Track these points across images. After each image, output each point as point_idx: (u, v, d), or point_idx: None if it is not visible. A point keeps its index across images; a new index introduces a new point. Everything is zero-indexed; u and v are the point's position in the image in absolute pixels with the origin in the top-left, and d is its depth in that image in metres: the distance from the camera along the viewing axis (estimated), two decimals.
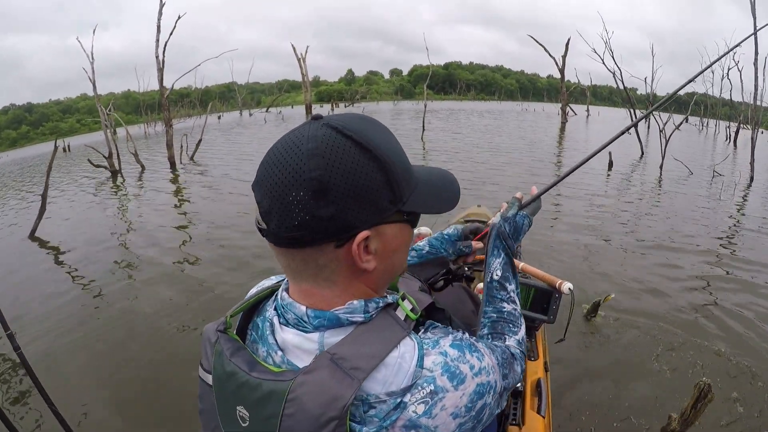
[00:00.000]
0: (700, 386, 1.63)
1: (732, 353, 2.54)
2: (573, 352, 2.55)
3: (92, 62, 9.95)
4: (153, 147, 16.04)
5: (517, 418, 1.18)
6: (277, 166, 0.49)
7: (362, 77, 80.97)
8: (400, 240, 0.56)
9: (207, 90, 53.93)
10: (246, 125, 25.82)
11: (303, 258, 0.52)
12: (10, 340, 1.65)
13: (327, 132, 0.49)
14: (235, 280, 3.67)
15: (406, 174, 0.54)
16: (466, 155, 10.32)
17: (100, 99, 10.07)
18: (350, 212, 0.49)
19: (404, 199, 0.53)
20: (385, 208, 0.52)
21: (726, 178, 7.61)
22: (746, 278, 3.60)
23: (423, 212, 0.57)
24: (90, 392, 2.37)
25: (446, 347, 0.53)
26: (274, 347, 0.55)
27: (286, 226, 0.49)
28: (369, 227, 0.51)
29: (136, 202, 7.09)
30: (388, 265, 0.56)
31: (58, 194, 8.26)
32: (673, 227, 4.95)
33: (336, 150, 0.48)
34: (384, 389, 0.49)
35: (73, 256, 4.60)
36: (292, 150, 0.49)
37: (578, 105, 33.92)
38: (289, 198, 0.48)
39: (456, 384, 0.51)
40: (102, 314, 3.26)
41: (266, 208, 0.50)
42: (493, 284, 0.79)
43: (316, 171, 0.47)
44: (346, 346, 0.50)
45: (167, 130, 9.95)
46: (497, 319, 0.76)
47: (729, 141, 16.09)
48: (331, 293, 0.54)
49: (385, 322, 0.54)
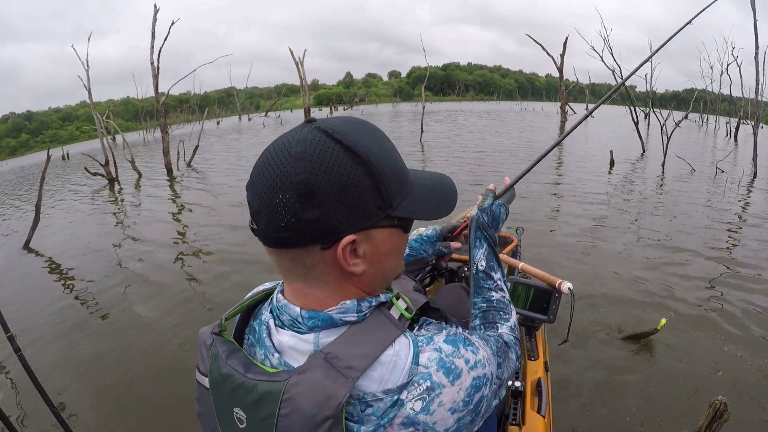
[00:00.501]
0: (715, 405, 1.50)
1: (749, 356, 2.46)
2: (574, 353, 2.52)
3: (87, 69, 9.91)
4: (151, 153, 16.00)
5: (517, 418, 1.17)
6: (266, 168, 0.50)
7: (361, 80, 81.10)
8: (391, 245, 0.55)
9: (206, 95, 54.08)
10: (244, 130, 25.83)
11: (291, 258, 0.52)
12: (11, 342, 1.65)
13: (316, 135, 0.49)
14: (232, 286, 3.63)
15: (397, 179, 0.54)
16: (465, 155, 10.26)
17: (100, 106, 10.02)
18: (336, 216, 0.49)
19: (394, 205, 0.53)
20: (373, 214, 0.51)
21: (729, 175, 7.52)
22: (754, 276, 3.51)
23: (415, 218, 0.56)
24: (90, 393, 2.39)
25: (440, 343, 0.53)
26: (271, 349, 0.55)
27: (273, 227, 0.50)
28: (355, 231, 0.51)
29: (133, 211, 7.04)
30: (379, 270, 0.56)
31: (55, 203, 8.21)
32: (677, 226, 4.86)
33: (323, 154, 0.48)
34: (380, 387, 0.49)
35: (68, 265, 4.54)
36: (281, 153, 0.49)
37: (577, 104, 33.86)
38: (276, 200, 0.48)
39: (452, 379, 0.51)
40: (100, 318, 3.25)
41: (256, 209, 0.51)
42: (479, 275, 0.80)
43: (302, 174, 0.47)
44: (339, 346, 0.50)
45: (163, 137, 9.89)
46: (487, 308, 0.77)
47: (729, 137, 16.00)
48: (322, 294, 0.54)
49: (378, 321, 0.53)
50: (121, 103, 48.63)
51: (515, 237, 2.18)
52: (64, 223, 6.67)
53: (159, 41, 9.25)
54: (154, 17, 9.12)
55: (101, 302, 3.54)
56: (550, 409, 1.29)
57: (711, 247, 4.18)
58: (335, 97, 64.15)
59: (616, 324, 2.81)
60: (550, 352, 1.72)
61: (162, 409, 2.21)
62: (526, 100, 57.78)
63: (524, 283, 1.33)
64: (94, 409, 2.27)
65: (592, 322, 2.81)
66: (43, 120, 58.08)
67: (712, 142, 14.83)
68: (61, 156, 20.93)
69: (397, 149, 0.56)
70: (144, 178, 9.92)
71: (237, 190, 7.79)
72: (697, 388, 2.20)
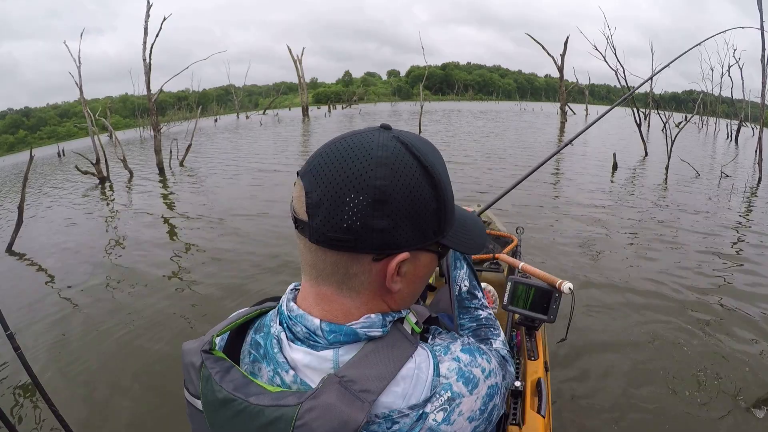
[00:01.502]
0: None
1: (755, 362, 2.40)
2: (574, 352, 2.53)
3: (79, 66, 9.71)
4: (147, 151, 15.78)
5: (517, 417, 1.18)
6: (340, 163, 0.48)
7: (360, 78, 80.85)
8: (428, 269, 0.56)
9: (205, 92, 53.88)
10: (240, 128, 25.63)
11: (334, 261, 0.50)
12: (10, 340, 1.63)
13: (397, 145, 0.49)
14: (223, 291, 3.56)
15: (452, 209, 0.55)
16: (465, 157, 10.11)
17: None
18: (401, 230, 0.48)
19: (444, 233, 0.53)
20: (428, 237, 0.51)
21: (734, 180, 7.36)
22: (759, 282, 3.41)
23: (455, 249, 0.57)
24: (90, 393, 2.38)
25: (458, 352, 0.53)
26: (285, 366, 0.52)
27: (332, 225, 0.47)
28: (411, 249, 0.50)
29: (123, 211, 6.86)
30: (412, 291, 0.56)
31: (45, 203, 8.03)
32: (683, 231, 4.73)
33: (404, 166, 0.48)
34: (405, 403, 0.48)
35: (53, 266, 4.39)
36: (361, 153, 0.48)
37: (576, 104, 33.75)
38: (346, 198, 0.47)
39: (471, 388, 0.51)
40: (95, 318, 3.23)
41: (315, 201, 0.48)
42: (463, 296, 0.82)
43: (381, 180, 0.47)
44: (354, 368, 0.48)
45: (155, 135, 9.70)
46: (477, 327, 0.79)
47: (730, 139, 15.92)
48: (351, 303, 0.52)
49: (394, 338, 0.52)
50: (119, 100, 48.41)
51: (515, 237, 2.18)
52: (49, 224, 6.49)
53: (153, 38, 9.08)
54: (147, 12, 8.95)
55: (90, 304, 3.46)
56: (550, 409, 1.29)
57: (717, 254, 4.06)
58: (334, 95, 63.95)
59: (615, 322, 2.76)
60: (550, 351, 1.69)
61: (163, 408, 2.19)
62: (525, 101, 57.69)
63: (524, 283, 1.32)
64: (93, 408, 2.26)
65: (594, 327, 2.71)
66: (41, 116, 57.74)
67: (712, 144, 14.73)
68: (56, 153, 20.73)
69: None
70: (136, 176, 9.72)
71: (228, 190, 7.65)
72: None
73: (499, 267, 1.95)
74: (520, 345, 1.50)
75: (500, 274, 1.95)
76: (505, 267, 1.96)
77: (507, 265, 1.87)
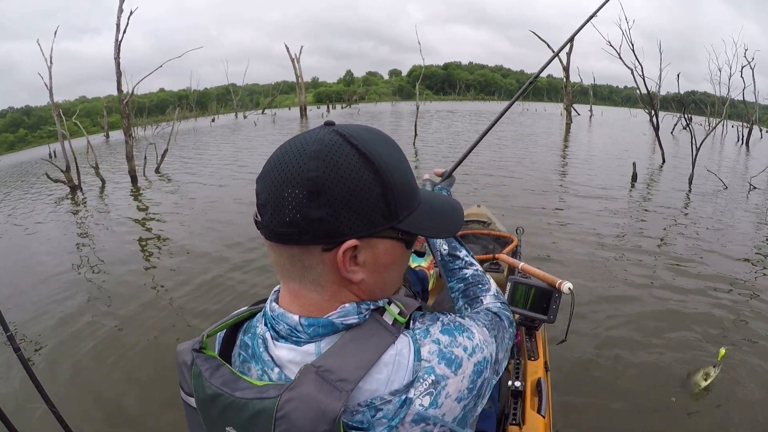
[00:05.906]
0: None
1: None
2: (575, 353, 2.50)
3: (50, 66, 9.15)
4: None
5: (517, 418, 1.17)
6: (279, 162, 0.50)
7: (361, 78, 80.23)
8: (392, 257, 0.55)
9: (206, 92, 53.40)
10: (237, 128, 25.07)
11: (290, 255, 0.51)
12: (10, 341, 1.63)
13: (333, 137, 0.50)
14: (203, 304, 3.47)
15: (406, 193, 0.53)
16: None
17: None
18: (341, 218, 0.48)
19: (400, 217, 0.52)
20: (378, 222, 0.51)
21: (765, 193, 6.72)
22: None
23: (418, 234, 0.56)
24: (90, 393, 2.42)
25: (437, 334, 0.53)
26: (270, 364, 0.53)
27: (278, 221, 0.49)
28: (357, 237, 0.50)
29: (92, 223, 6.38)
30: (378, 281, 0.55)
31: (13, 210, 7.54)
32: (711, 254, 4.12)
33: (337, 155, 0.48)
34: (387, 389, 0.48)
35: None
36: (297, 149, 0.49)
37: (579, 105, 32.96)
38: (284, 194, 0.48)
39: (455, 369, 0.51)
40: (95, 319, 3.28)
41: (263, 201, 0.50)
42: (445, 259, 0.83)
43: (313, 172, 0.47)
44: (331, 358, 0.49)
45: (127, 140, 9.04)
46: (465, 287, 0.79)
47: (741, 142, 15.25)
48: (318, 297, 0.52)
49: (371, 328, 0.52)
50: (116, 100, 48.07)
51: (515, 237, 2.15)
52: (15, 237, 6.09)
53: (121, 35, 8.47)
54: (120, 7, 8.33)
55: (75, 311, 3.46)
56: (550, 409, 1.28)
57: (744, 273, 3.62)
58: (335, 94, 63.47)
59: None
60: (550, 352, 1.70)
61: (162, 408, 2.21)
62: (527, 101, 56.93)
63: (524, 283, 1.33)
64: (93, 408, 2.30)
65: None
66: (41, 115, 57.50)
67: (719, 147, 14.06)
68: (48, 154, 20.19)
69: (410, 166, 0.56)
70: (108, 184, 9.09)
71: (206, 195, 7.26)
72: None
73: (499, 267, 1.96)
74: (520, 345, 1.49)
75: (500, 274, 1.95)
76: (505, 267, 1.96)
77: (507, 265, 1.88)
